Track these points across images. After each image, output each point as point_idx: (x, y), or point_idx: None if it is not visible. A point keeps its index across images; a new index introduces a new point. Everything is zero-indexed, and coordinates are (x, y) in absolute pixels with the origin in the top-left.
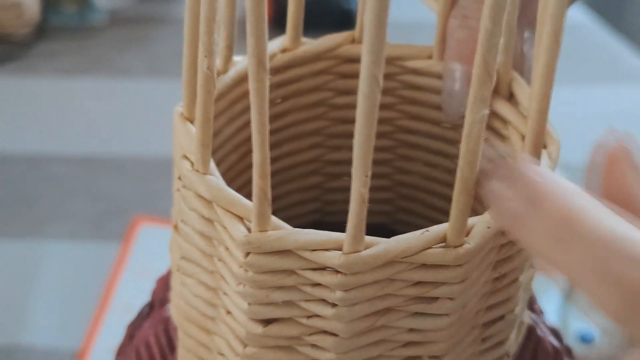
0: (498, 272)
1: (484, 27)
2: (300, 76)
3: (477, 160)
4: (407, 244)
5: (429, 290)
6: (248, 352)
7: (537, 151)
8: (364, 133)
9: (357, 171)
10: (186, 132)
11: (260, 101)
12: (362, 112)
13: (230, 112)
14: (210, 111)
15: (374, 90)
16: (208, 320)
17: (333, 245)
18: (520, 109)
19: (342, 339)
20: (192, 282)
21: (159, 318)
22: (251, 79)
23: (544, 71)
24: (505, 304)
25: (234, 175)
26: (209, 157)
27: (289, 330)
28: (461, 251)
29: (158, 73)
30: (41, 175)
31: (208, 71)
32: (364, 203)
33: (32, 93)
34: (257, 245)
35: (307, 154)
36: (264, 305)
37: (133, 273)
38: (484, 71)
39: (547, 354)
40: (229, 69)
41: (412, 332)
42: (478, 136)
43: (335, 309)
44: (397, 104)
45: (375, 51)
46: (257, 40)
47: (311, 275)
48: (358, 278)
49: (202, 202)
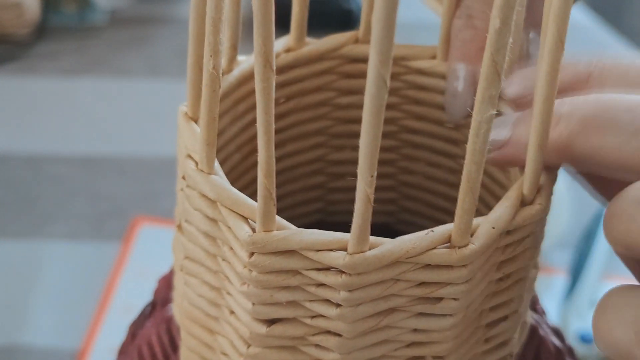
0: (502, 273)
1: (493, 26)
2: (303, 76)
3: (483, 161)
4: (412, 244)
5: (433, 291)
6: (252, 352)
7: (541, 152)
8: (370, 133)
9: (363, 171)
10: (190, 132)
11: (267, 101)
12: (369, 112)
13: (234, 111)
14: (215, 111)
15: (382, 91)
16: (211, 320)
17: (338, 245)
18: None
19: (346, 339)
20: (196, 281)
21: (161, 317)
22: (257, 78)
23: (548, 72)
24: (509, 305)
25: (237, 175)
26: (214, 156)
27: (293, 330)
28: (466, 252)
29: (158, 73)
30: (41, 175)
31: (214, 71)
32: (369, 203)
33: (32, 93)
34: (261, 245)
35: (310, 154)
36: (268, 305)
37: (133, 273)
38: (493, 71)
39: (549, 353)
40: (234, 69)
41: (416, 333)
42: (485, 136)
43: (339, 309)
44: (401, 104)
45: (383, 51)
46: (264, 39)
47: (315, 276)
48: (362, 278)
49: (207, 202)
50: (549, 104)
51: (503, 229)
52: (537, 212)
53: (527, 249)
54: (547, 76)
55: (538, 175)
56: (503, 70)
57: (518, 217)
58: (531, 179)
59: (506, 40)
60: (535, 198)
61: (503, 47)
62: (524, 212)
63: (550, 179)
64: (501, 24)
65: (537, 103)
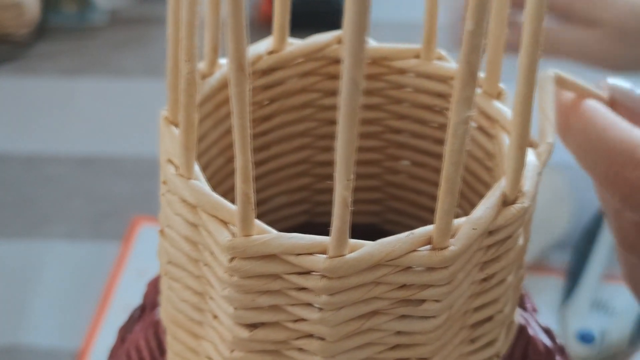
0: (485, 273)
1: (467, 28)
2: (287, 77)
3: (462, 161)
4: (392, 246)
5: (415, 293)
6: (235, 357)
7: (522, 151)
8: (345, 136)
9: (340, 174)
10: (170, 136)
11: (241, 105)
12: (343, 115)
13: (216, 115)
14: (193, 115)
15: (355, 93)
16: (195, 325)
17: (318, 249)
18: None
19: (329, 343)
20: (179, 286)
21: (150, 321)
22: (231, 83)
23: (525, 72)
24: (494, 305)
25: (220, 179)
26: (193, 161)
27: (275, 334)
28: (447, 253)
29: (158, 73)
30: (41, 175)
31: (189, 75)
32: (347, 207)
33: (32, 93)
34: (241, 250)
35: (296, 156)
36: (250, 310)
37: (132, 273)
38: (467, 72)
39: (538, 353)
40: (215, 72)
41: (400, 335)
42: (463, 137)
43: (321, 312)
44: (384, 104)
45: (354, 53)
46: (236, 44)
47: (296, 280)
48: (343, 282)
49: (187, 207)
50: (527, 104)
51: (484, 229)
52: (519, 212)
53: (511, 248)
54: (525, 76)
55: (519, 174)
56: (478, 70)
57: (500, 217)
58: (512, 178)
59: (480, 41)
60: (517, 198)
61: (477, 48)
62: (505, 212)
63: (534, 178)
64: (475, 26)
65: (516, 103)
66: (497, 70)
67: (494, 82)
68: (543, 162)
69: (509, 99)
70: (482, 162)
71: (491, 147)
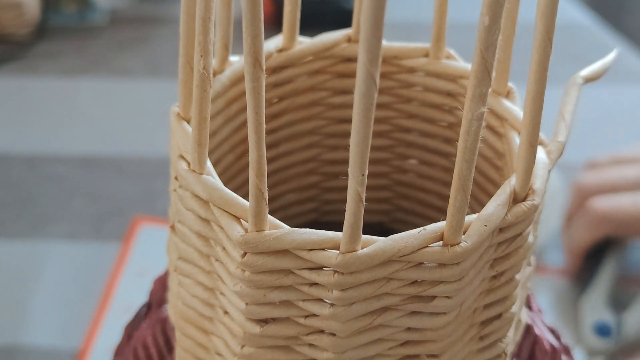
0: (495, 271)
1: (482, 23)
2: (296, 76)
3: (474, 158)
4: (404, 242)
5: (426, 289)
6: (246, 352)
7: (533, 148)
8: (360, 132)
9: (354, 170)
10: (182, 132)
11: (257, 100)
12: (359, 110)
13: (227, 112)
14: (206, 111)
15: (371, 89)
16: (206, 321)
17: (330, 244)
18: (518, 106)
19: (340, 338)
20: (190, 282)
21: (157, 318)
22: (247, 77)
23: (537, 70)
24: (503, 302)
25: (231, 176)
26: (206, 156)
27: (286, 330)
28: (458, 249)
29: (158, 73)
30: (41, 175)
31: (204, 71)
32: (360, 202)
33: (32, 93)
34: (254, 245)
35: (304, 154)
36: (262, 305)
37: (133, 273)
38: (483, 68)
39: (544, 352)
40: (226, 69)
41: (410, 331)
42: (476, 134)
43: (332, 308)
44: (393, 103)
45: (371, 50)
46: (253, 39)
47: (308, 275)
48: (355, 277)
49: (199, 202)
50: (538, 101)
51: (495, 226)
52: (530, 209)
53: (521, 246)
54: (537, 74)
55: (530, 172)
56: (493, 67)
57: (510, 214)
58: (523, 176)
59: (495, 37)
60: (527, 195)
61: (492, 44)
62: (516, 209)
63: (544, 176)
64: (490, 22)
65: (527, 100)
66: (506, 70)
67: (503, 81)
68: (553, 160)
69: (518, 98)
70: (491, 161)
71: (500, 146)
